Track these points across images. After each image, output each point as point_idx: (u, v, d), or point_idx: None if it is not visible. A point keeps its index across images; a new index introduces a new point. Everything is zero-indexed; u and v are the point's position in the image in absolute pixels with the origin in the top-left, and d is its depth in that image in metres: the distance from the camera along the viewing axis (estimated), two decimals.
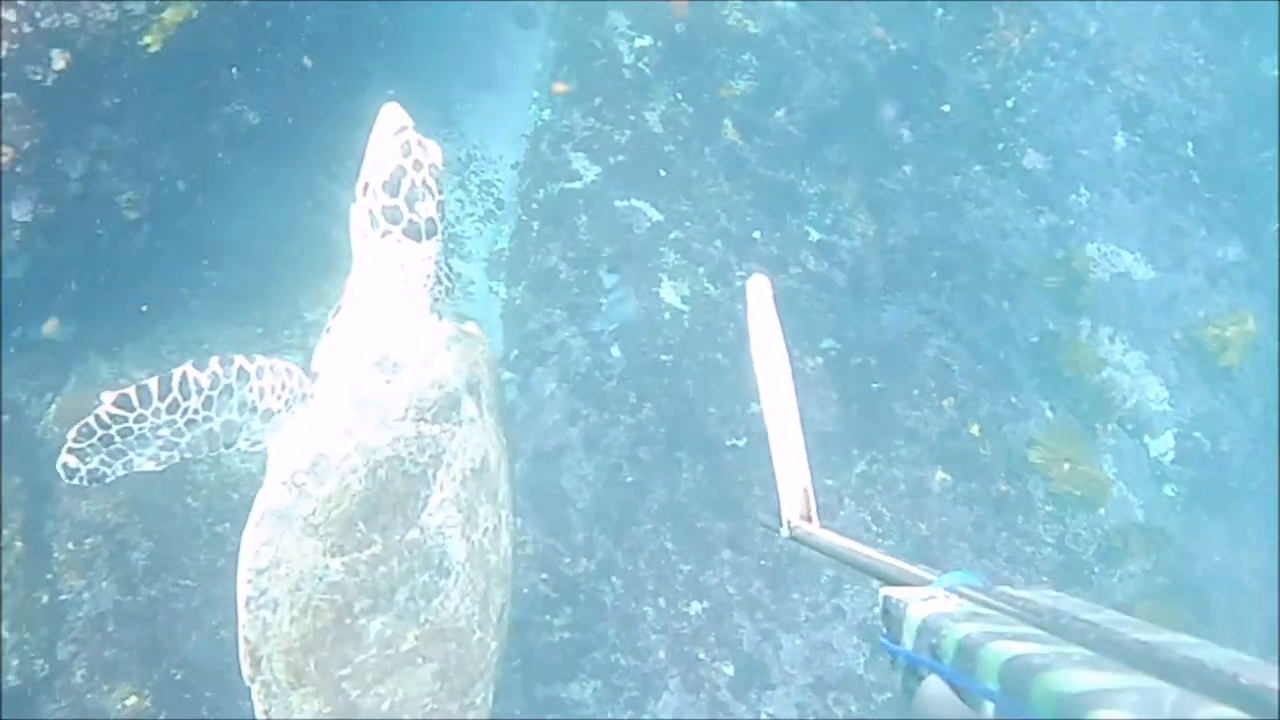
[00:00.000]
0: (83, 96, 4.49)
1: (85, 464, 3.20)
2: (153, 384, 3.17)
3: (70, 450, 3.17)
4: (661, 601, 6.09)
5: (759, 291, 2.42)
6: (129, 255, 5.28)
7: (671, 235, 7.00)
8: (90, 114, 4.61)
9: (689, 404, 6.54)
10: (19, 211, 4.45)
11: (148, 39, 4.45)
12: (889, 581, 1.81)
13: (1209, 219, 8.81)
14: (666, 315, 6.82)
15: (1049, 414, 7.43)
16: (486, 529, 3.58)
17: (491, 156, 7.42)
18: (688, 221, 7.05)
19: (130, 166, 4.93)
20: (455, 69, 7.49)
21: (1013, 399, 7.30)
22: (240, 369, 3.33)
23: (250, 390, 3.37)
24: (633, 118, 7.34)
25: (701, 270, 6.93)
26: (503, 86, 7.59)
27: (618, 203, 7.05)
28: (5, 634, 4.81)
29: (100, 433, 3.17)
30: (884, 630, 1.66)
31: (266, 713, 3.44)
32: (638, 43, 7.52)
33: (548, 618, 5.93)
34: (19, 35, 4.09)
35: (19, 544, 4.93)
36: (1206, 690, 1.21)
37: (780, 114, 7.59)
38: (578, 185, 7.08)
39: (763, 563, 6.20)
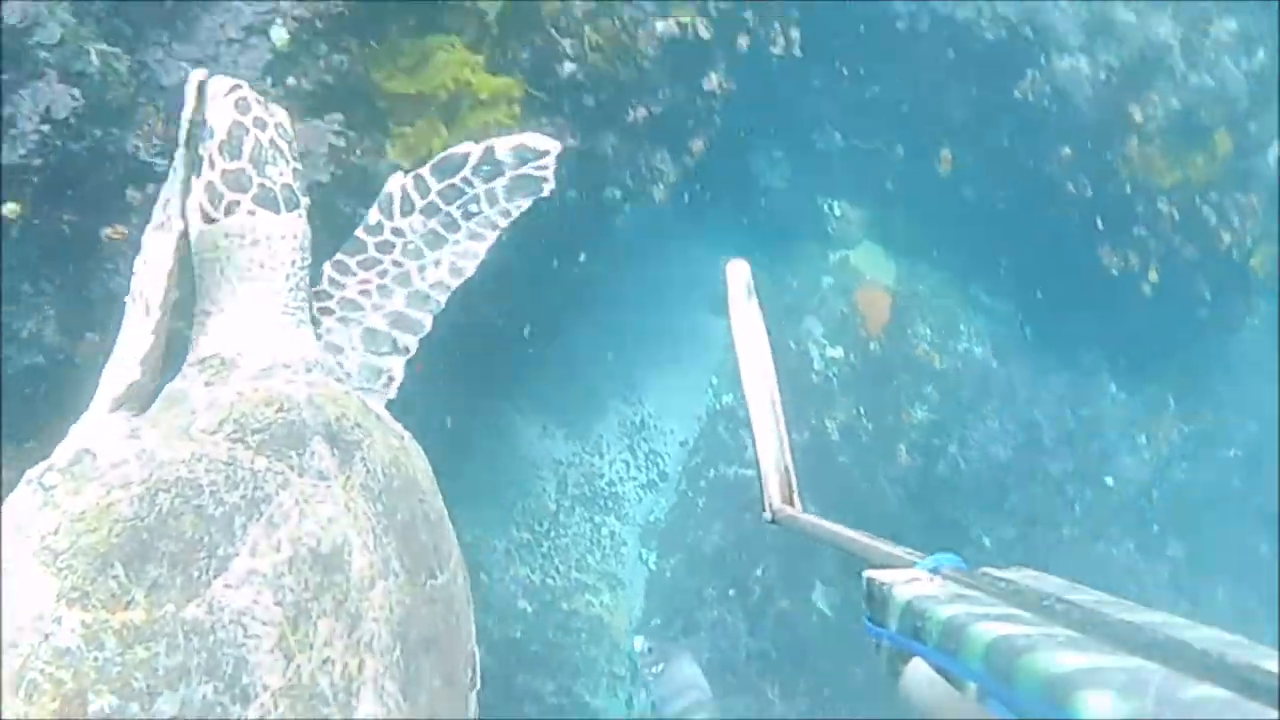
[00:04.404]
0: None
1: None
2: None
3: None
4: None
5: (738, 276, 2.39)
6: None
7: None
8: None
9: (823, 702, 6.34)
10: None
11: None
12: (873, 563, 1.78)
13: None
14: (814, 619, 6.72)
15: None
16: (326, 661, 2.30)
17: (663, 429, 7.51)
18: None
19: None
20: (646, 337, 7.68)
21: None
22: None
23: None
24: (814, 422, 7.46)
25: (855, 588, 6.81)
26: (685, 366, 7.74)
27: None
28: None
29: None
30: (868, 613, 1.63)
31: None
32: (829, 352, 7.72)
33: None
34: None
35: None
36: (1193, 670, 1.19)
37: (953, 448, 7.68)
38: (749, 473, 7.10)
39: None
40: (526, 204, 3.08)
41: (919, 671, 1.48)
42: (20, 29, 3.48)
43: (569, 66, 4.56)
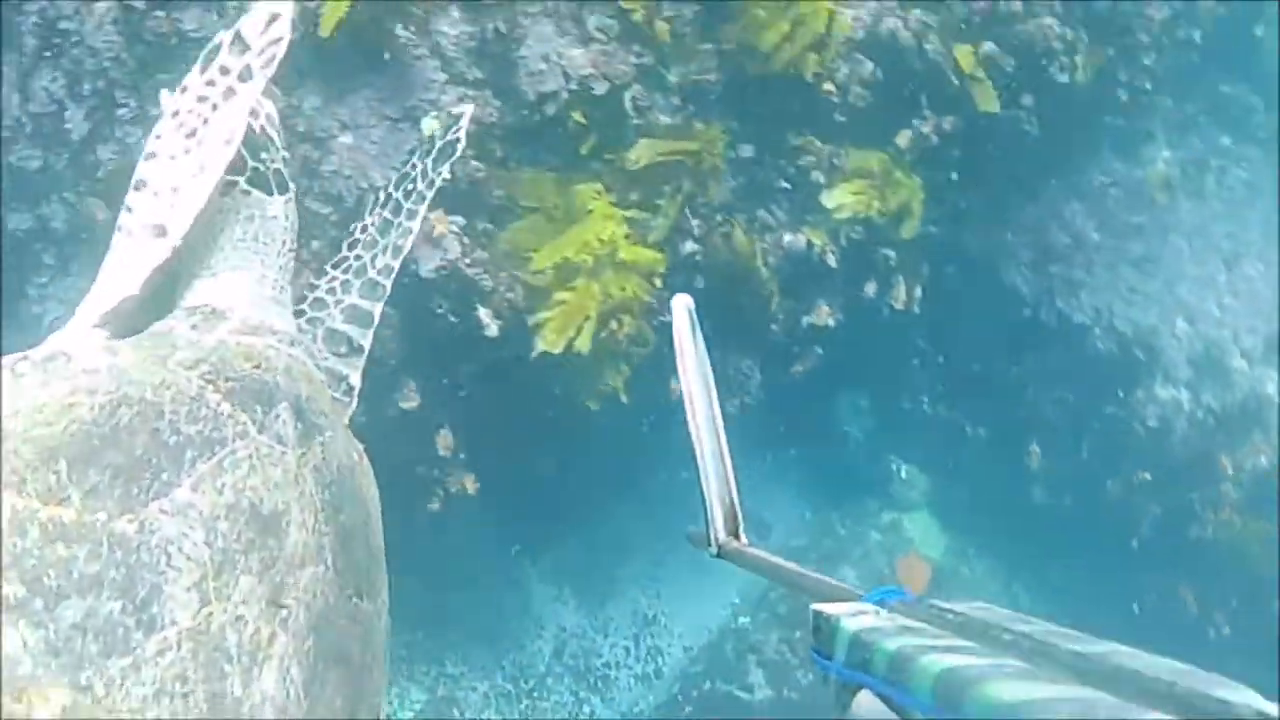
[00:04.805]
0: None
1: None
2: None
3: None
4: None
5: (682, 309, 2.39)
6: None
7: None
8: None
9: None
10: None
11: None
12: (818, 597, 1.78)
13: None
14: None
15: None
16: (240, 619, 2.25)
17: (673, 629, 7.42)
18: None
19: None
20: (682, 538, 7.60)
21: None
22: None
23: None
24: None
25: None
26: (712, 578, 7.66)
27: None
28: None
29: None
30: (815, 645, 1.63)
31: None
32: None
33: None
34: None
35: None
36: (1142, 699, 1.20)
37: None
38: (745, 697, 7.00)
39: None
40: (446, 171, 3.28)
41: (868, 703, 1.47)
42: (194, 38, 3.68)
43: (691, 246, 4.64)
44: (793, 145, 4.90)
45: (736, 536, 2.24)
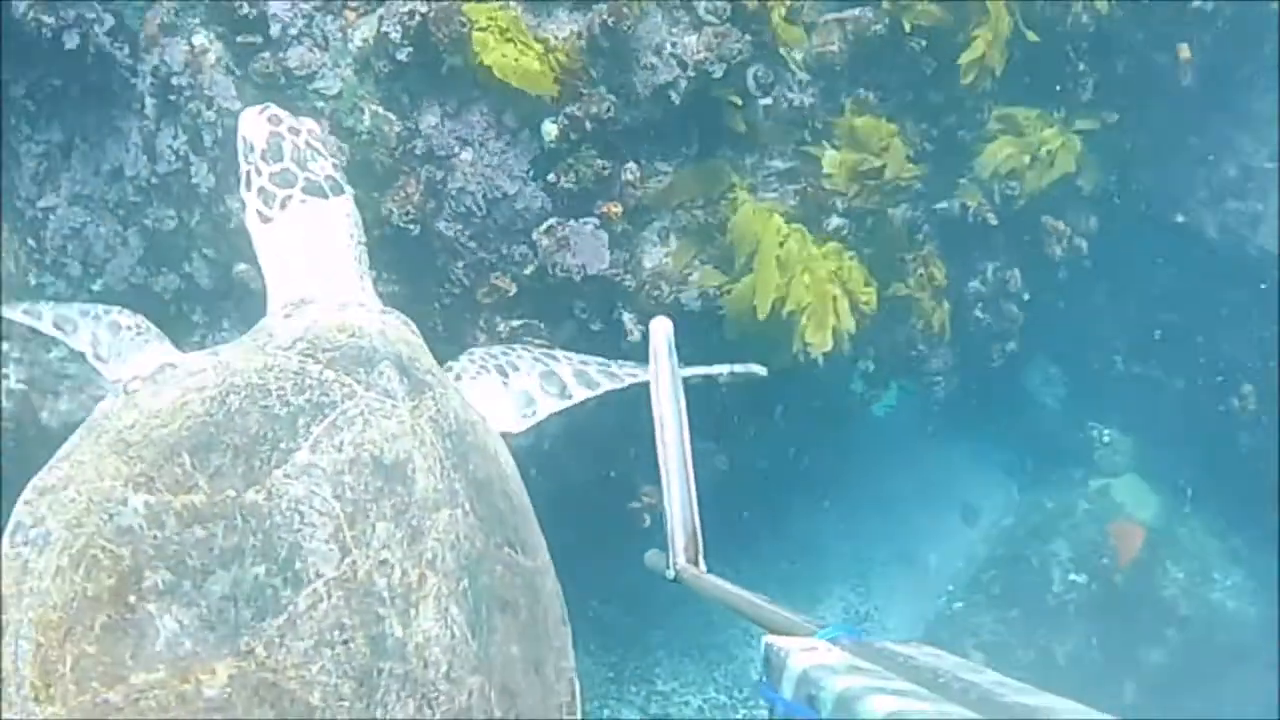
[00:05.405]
0: None
1: None
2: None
3: None
4: None
5: (660, 333, 2.41)
6: None
7: None
8: None
9: None
10: None
11: None
12: (772, 629, 1.81)
13: None
14: None
15: None
16: (384, 563, 2.34)
17: (887, 625, 7.30)
18: None
19: None
20: (889, 532, 7.56)
21: None
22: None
23: (99, 309, 2.92)
24: (1041, 644, 7.17)
25: None
26: (923, 569, 7.58)
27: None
28: None
29: None
30: (763, 678, 1.64)
31: None
32: (1071, 576, 7.40)
33: None
34: None
35: None
36: None
37: (1188, 701, 7.19)
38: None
39: None
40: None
41: None
42: (300, 76, 3.78)
43: (837, 221, 4.55)
44: (933, 103, 4.78)
45: (695, 563, 2.26)
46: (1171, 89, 5.64)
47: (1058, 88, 5.14)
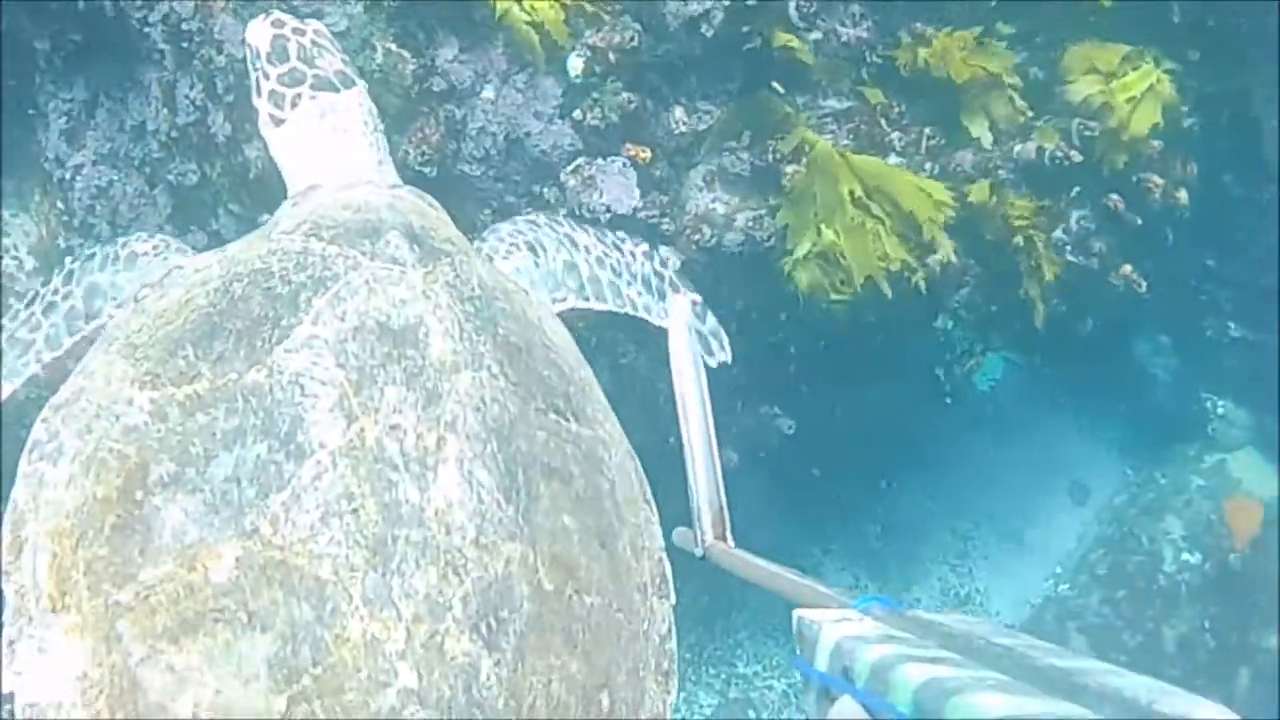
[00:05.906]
0: None
1: None
2: None
3: None
4: None
5: (679, 312, 2.48)
6: None
7: None
8: None
9: None
10: None
11: None
12: (803, 603, 1.81)
13: None
14: None
15: None
16: (395, 427, 2.28)
17: (990, 609, 7.12)
18: None
19: None
20: (993, 509, 7.34)
21: None
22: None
23: (118, 246, 2.92)
24: (1150, 626, 6.92)
25: None
26: (1029, 548, 7.35)
27: None
28: None
29: None
30: (798, 651, 1.65)
31: (13, 659, 2.16)
32: (1184, 556, 7.10)
33: None
34: None
35: None
36: (1122, 715, 1.20)
37: None
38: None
39: None
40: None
41: (847, 710, 1.48)
42: (306, 14, 3.61)
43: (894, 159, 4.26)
44: (1003, 38, 4.35)
45: (724, 539, 2.25)
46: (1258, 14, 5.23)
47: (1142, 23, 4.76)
